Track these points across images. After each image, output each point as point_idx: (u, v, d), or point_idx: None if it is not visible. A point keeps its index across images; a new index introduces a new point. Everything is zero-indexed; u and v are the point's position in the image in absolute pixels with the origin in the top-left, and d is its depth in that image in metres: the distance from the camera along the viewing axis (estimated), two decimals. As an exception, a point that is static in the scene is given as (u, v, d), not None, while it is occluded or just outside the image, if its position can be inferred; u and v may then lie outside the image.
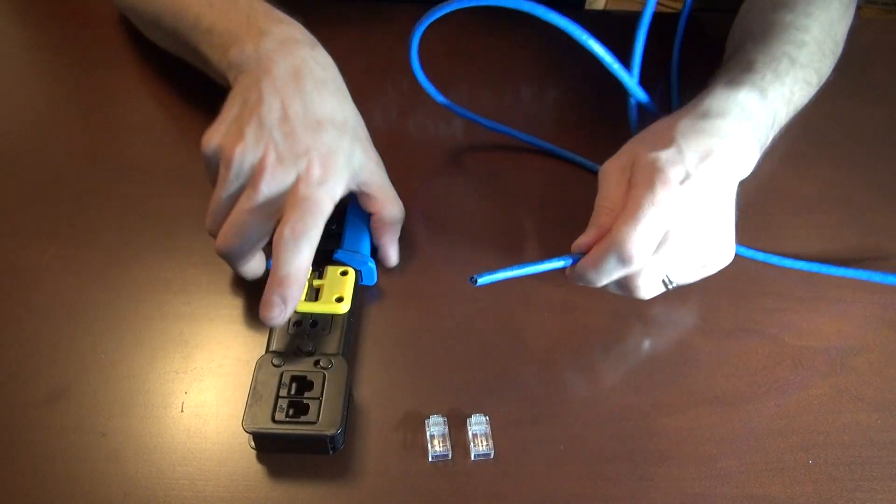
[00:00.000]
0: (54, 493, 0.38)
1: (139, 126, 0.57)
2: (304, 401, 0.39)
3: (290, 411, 0.38)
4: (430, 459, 0.40)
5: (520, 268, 0.41)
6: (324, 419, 0.38)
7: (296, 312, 0.42)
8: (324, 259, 0.45)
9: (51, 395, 0.41)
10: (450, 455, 0.40)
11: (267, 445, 0.39)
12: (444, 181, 0.56)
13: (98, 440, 0.40)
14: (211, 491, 0.38)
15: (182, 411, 0.41)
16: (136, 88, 0.58)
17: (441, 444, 0.40)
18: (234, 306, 0.47)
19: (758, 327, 0.47)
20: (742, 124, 0.44)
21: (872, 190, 0.57)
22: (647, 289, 0.43)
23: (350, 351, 0.43)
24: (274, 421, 0.38)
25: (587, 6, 0.83)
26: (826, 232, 0.53)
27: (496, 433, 0.40)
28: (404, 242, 0.50)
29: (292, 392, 0.39)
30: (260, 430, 0.38)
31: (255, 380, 0.40)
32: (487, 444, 0.40)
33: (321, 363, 0.40)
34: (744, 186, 0.56)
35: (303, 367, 0.40)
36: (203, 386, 0.42)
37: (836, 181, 0.57)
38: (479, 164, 0.58)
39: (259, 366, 0.40)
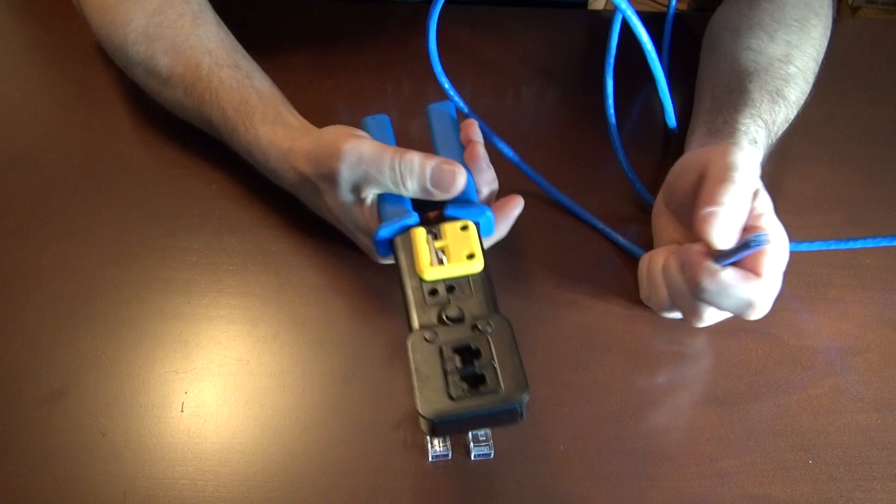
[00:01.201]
0: (54, 493, 0.38)
1: (139, 126, 0.57)
2: (478, 371, 0.34)
3: (466, 385, 0.34)
4: (430, 459, 0.40)
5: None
6: (508, 385, 0.34)
7: (427, 281, 0.39)
8: (434, 217, 0.42)
9: (51, 395, 0.41)
10: (450, 455, 0.40)
11: (447, 428, 0.35)
12: None
13: (98, 440, 0.40)
14: (211, 491, 0.38)
15: (182, 411, 0.41)
16: (136, 88, 0.58)
17: (441, 444, 0.40)
18: (234, 306, 0.47)
19: (758, 327, 0.47)
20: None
21: (872, 190, 0.57)
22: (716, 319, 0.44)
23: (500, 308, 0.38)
24: (451, 398, 0.33)
25: (588, 6, 0.83)
26: (826, 232, 0.53)
27: (496, 433, 0.40)
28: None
29: (459, 365, 0.35)
30: (442, 414, 0.33)
31: (413, 361, 0.35)
32: (487, 444, 0.40)
33: (479, 326, 0.36)
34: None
35: (459, 335, 0.36)
36: (203, 386, 0.42)
37: (836, 181, 0.57)
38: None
39: (412, 345, 0.36)
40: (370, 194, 0.42)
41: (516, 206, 0.45)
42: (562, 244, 0.52)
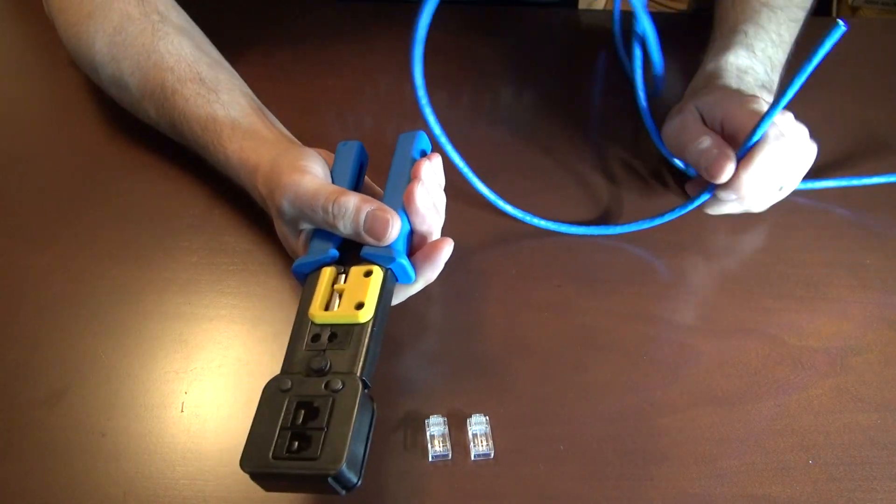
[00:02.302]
0: (54, 493, 0.38)
1: (139, 126, 0.57)
2: (308, 432, 0.33)
3: (294, 445, 0.33)
4: (430, 459, 0.40)
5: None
6: (325, 454, 0.32)
7: (313, 324, 0.38)
8: (352, 257, 0.40)
9: (51, 395, 0.41)
10: (450, 455, 0.40)
11: (272, 485, 0.34)
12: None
13: (98, 440, 0.40)
14: (211, 491, 0.38)
15: (182, 411, 0.41)
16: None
17: (441, 444, 0.40)
18: (234, 306, 0.47)
19: (758, 327, 0.47)
20: (740, 80, 0.54)
21: (872, 190, 0.57)
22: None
23: (372, 369, 0.37)
24: (274, 457, 0.32)
25: (587, 6, 0.83)
26: (827, 231, 0.53)
27: (496, 433, 0.40)
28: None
29: (299, 421, 0.33)
30: (258, 471, 0.32)
31: (258, 410, 0.34)
32: (487, 444, 0.40)
33: (331, 384, 0.34)
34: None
35: (311, 390, 0.34)
36: (203, 386, 0.42)
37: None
38: (479, 164, 0.58)
39: (263, 394, 0.35)
40: (306, 228, 0.42)
41: (442, 250, 0.41)
42: (561, 245, 0.52)
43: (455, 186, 0.56)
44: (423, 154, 0.45)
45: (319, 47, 0.68)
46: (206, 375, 0.43)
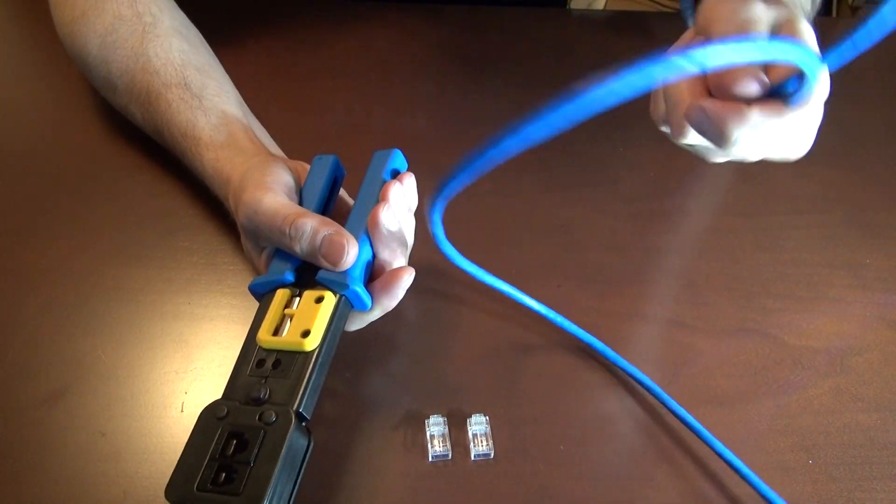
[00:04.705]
0: (54, 493, 0.38)
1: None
2: (235, 465, 0.32)
3: (220, 477, 0.32)
4: (430, 459, 0.40)
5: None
6: (247, 491, 0.31)
7: (260, 349, 0.37)
8: (308, 281, 0.39)
9: (51, 395, 0.42)
10: (450, 455, 0.40)
11: None
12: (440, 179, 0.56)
13: (98, 440, 0.40)
14: (211, 491, 0.38)
15: (182, 411, 0.41)
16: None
17: (441, 444, 0.40)
18: (234, 306, 0.47)
19: (758, 327, 0.47)
20: None
21: (872, 190, 0.57)
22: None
23: (312, 401, 0.35)
24: (198, 489, 0.31)
25: (588, 6, 0.83)
26: (826, 232, 0.53)
27: (496, 433, 0.41)
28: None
29: (228, 452, 0.32)
30: (180, 501, 0.32)
31: (190, 436, 0.33)
32: (487, 444, 0.40)
33: (265, 416, 0.33)
34: (745, 186, 0.56)
35: (245, 420, 0.33)
36: (203, 386, 0.42)
37: (836, 181, 0.57)
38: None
39: (198, 421, 0.34)
40: (267, 246, 0.42)
41: (401, 279, 0.40)
42: (561, 245, 0.52)
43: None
44: (396, 174, 0.43)
45: (319, 47, 0.68)
46: (206, 375, 0.43)
